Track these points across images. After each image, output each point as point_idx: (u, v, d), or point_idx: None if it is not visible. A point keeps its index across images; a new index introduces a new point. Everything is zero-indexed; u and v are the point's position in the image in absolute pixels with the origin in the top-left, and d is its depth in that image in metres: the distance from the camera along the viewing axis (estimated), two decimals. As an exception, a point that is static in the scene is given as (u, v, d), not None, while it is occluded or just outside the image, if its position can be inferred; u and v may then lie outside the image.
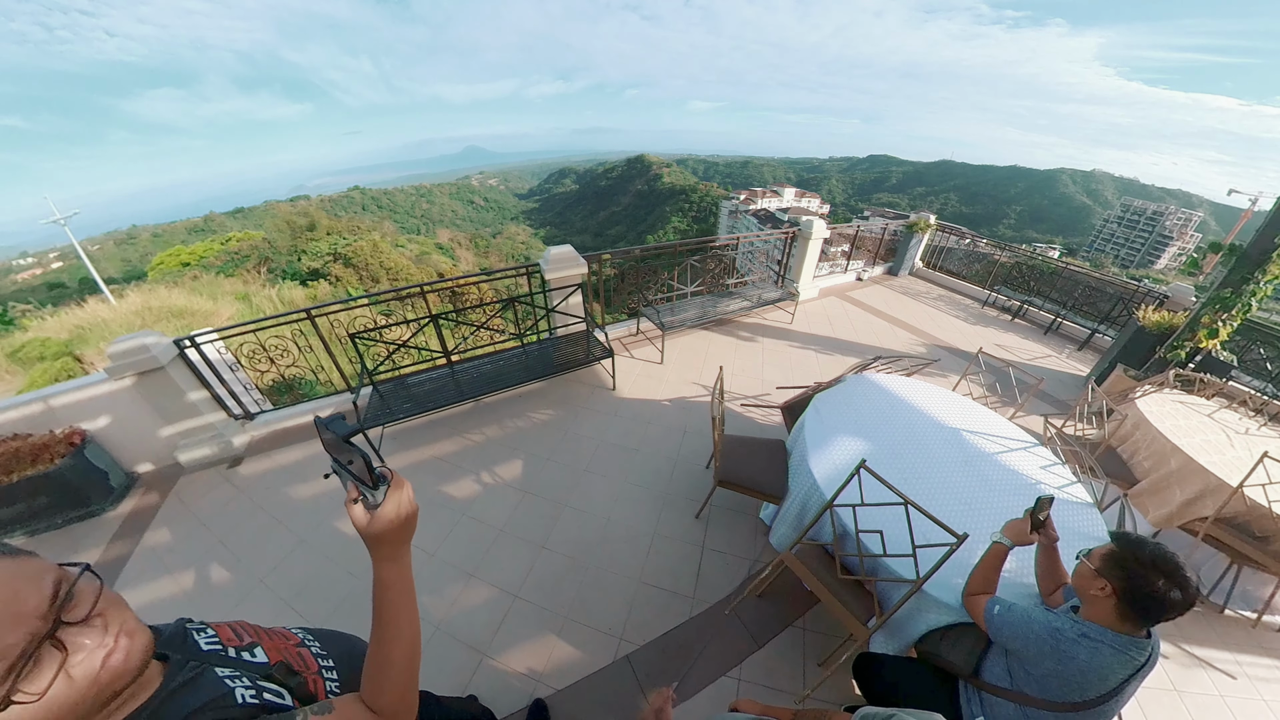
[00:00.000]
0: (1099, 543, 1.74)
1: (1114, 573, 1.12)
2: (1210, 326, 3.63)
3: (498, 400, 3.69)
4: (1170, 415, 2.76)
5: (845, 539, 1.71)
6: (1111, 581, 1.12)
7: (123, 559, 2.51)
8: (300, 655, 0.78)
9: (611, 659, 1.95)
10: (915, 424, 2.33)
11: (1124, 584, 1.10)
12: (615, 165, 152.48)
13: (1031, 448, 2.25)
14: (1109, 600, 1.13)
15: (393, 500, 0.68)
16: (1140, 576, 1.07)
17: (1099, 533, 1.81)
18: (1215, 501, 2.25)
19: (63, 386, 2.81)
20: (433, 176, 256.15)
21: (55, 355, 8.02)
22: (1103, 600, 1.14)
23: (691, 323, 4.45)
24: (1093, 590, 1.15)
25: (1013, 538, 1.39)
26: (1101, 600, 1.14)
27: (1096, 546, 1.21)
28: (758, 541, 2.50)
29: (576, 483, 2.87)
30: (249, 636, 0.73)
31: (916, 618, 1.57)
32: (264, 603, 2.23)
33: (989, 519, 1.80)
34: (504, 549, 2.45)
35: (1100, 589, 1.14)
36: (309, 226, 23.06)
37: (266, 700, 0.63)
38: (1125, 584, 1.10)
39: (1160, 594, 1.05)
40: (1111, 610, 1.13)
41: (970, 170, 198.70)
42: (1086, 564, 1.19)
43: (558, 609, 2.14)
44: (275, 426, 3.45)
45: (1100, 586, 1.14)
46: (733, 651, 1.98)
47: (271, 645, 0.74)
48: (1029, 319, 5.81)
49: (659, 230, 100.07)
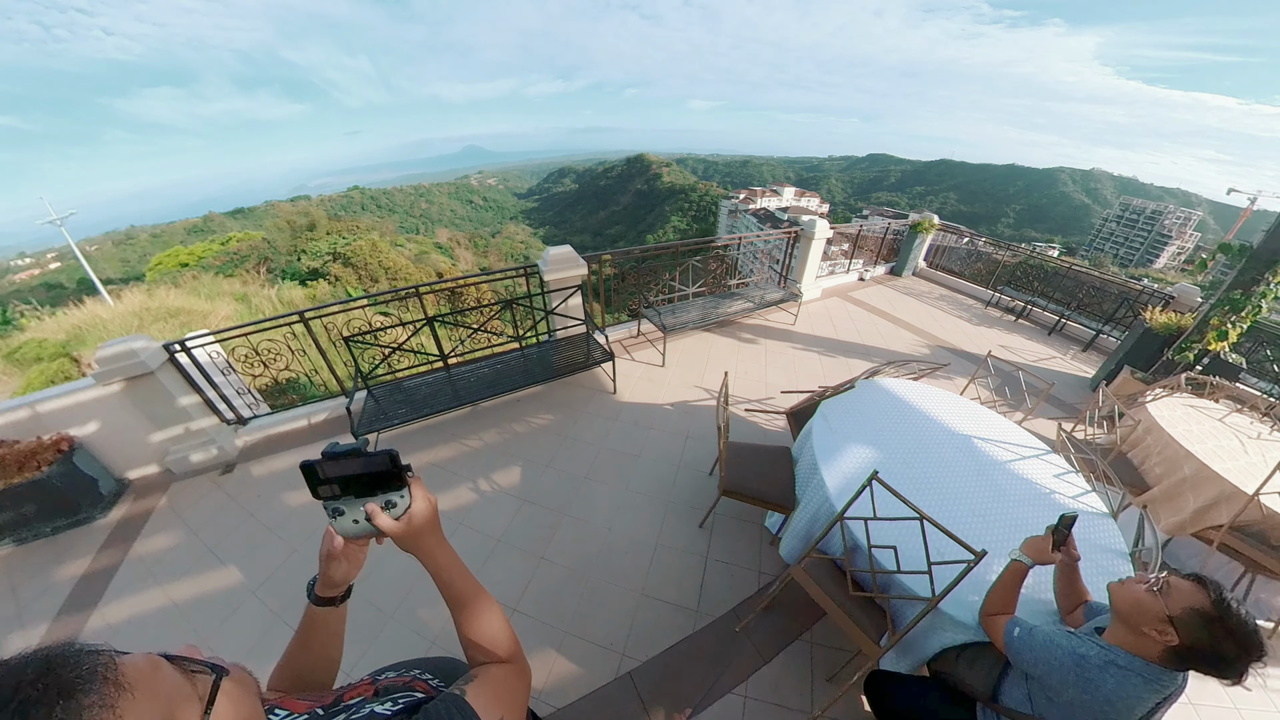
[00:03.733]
0: (1118, 555, 1.70)
1: (1194, 632, 0.99)
2: (1220, 328, 3.58)
3: (496, 405, 3.62)
4: (1182, 420, 2.70)
5: (857, 553, 1.65)
6: (1183, 636, 1.00)
7: (112, 568, 2.45)
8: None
9: (613, 675, 1.89)
10: (926, 431, 2.27)
11: (1196, 645, 0.99)
12: (615, 165, 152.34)
13: (1044, 454, 2.19)
14: (1165, 646, 1.03)
15: (419, 491, 0.68)
16: (1221, 646, 0.97)
17: (1117, 544, 1.75)
18: (1230, 509, 2.19)
19: (51, 392, 2.75)
20: (432, 176, 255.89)
21: (52, 356, 7.94)
22: (1154, 640, 1.04)
23: (693, 324, 4.39)
24: (1150, 629, 1.04)
25: (1033, 556, 1.33)
26: (1152, 640, 1.04)
27: (1172, 581, 1.06)
28: (763, 552, 2.44)
29: (576, 491, 2.81)
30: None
31: (931, 636, 1.51)
32: (256, 615, 2.17)
33: (1003, 531, 1.74)
34: (502, 560, 2.39)
35: (1162, 633, 1.02)
36: (309, 226, 22.98)
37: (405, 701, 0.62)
38: (1198, 645, 0.99)
39: (1227, 668, 0.97)
40: (1160, 653, 1.04)
41: (969, 169, 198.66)
42: (1158, 602, 1.04)
43: (557, 623, 2.08)
44: (269, 431, 3.39)
45: (1163, 631, 1.02)
46: (739, 667, 1.93)
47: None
48: (1033, 319, 5.76)
49: (659, 230, 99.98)
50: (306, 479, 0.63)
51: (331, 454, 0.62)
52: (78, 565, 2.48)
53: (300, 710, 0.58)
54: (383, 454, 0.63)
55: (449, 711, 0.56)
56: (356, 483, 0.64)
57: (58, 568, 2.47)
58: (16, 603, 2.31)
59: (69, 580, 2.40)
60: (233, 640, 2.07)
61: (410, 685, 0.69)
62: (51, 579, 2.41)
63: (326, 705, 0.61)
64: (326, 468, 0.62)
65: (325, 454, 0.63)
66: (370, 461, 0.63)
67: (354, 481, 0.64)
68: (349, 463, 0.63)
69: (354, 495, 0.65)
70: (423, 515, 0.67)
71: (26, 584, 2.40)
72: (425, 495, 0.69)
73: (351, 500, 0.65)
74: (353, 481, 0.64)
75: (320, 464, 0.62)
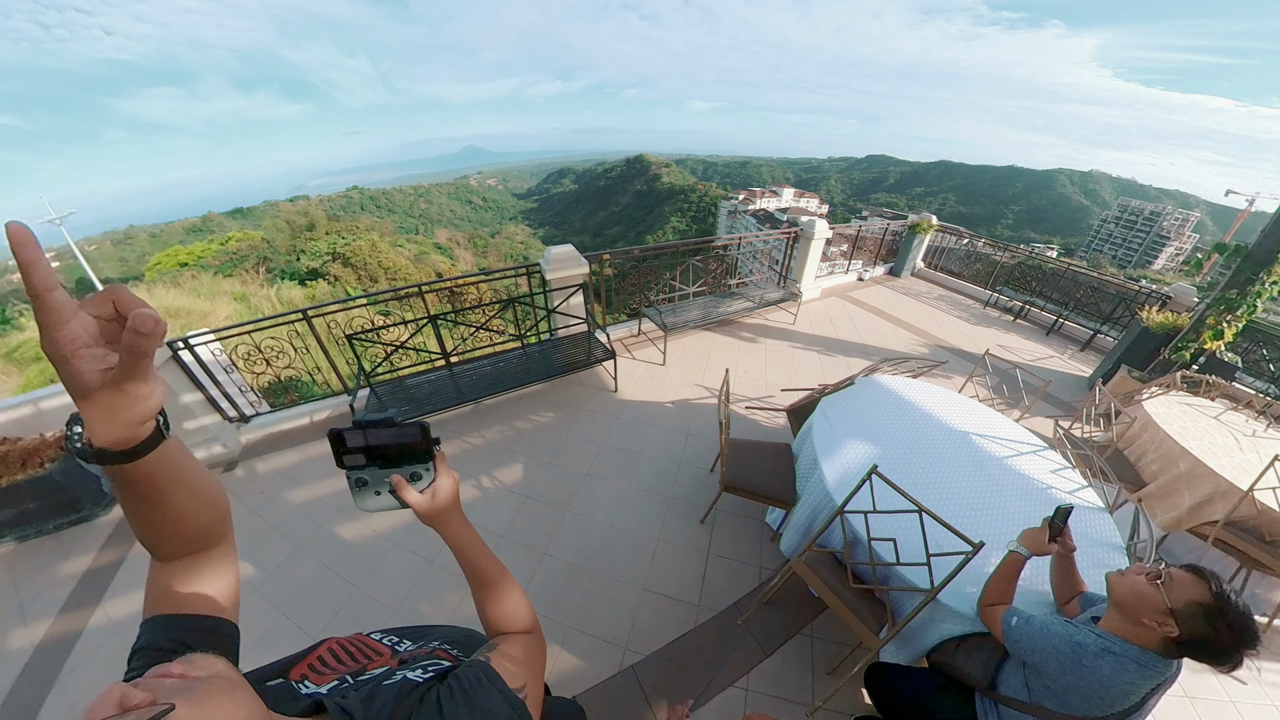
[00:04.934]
0: (1113, 549, 1.73)
1: (1195, 624, 1.01)
2: (1215, 328, 3.61)
3: (497, 402, 3.64)
4: (1177, 418, 2.73)
5: (857, 546, 1.67)
6: (1183, 629, 1.02)
7: (115, 565, 2.46)
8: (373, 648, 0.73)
9: (616, 669, 1.91)
10: (924, 427, 2.29)
11: (1196, 636, 1.01)
12: (614, 165, 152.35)
13: (1041, 451, 2.22)
14: (1163, 635, 1.04)
15: (443, 468, 0.68)
16: (1219, 639, 0.99)
17: (1113, 538, 1.77)
18: (1225, 505, 2.22)
19: (53, 389, 2.76)
20: (431, 176, 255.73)
21: (50, 356, 7.94)
22: (1154, 631, 1.06)
23: (694, 323, 4.41)
24: (1150, 619, 1.06)
25: (1030, 547, 1.36)
26: (1151, 630, 1.06)
27: (1174, 573, 1.07)
28: (764, 547, 2.46)
29: (578, 487, 2.83)
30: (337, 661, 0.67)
31: (930, 627, 1.53)
32: (260, 611, 2.18)
33: (1001, 525, 1.76)
34: (505, 556, 2.36)
35: (1162, 624, 1.04)
36: (308, 226, 22.98)
37: (433, 669, 0.62)
38: (1198, 637, 1.01)
39: (1224, 657, 0.99)
40: (1158, 643, 1.06)
41: (968, 170, 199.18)
42: (1160, 594, 1.05)
43: (560, 618, 2.10)
44: (271, 429, 3.40)
45: (1163, 623, 1.04)
46: (740, 660, 1.95)
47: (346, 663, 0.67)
48: (1031, 319, 5.79)
49: (658, 230, 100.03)
50: (333, 446, 0.62)
51: (362, 421, 0.61)
52: (80, 562, 2.49)
53: (327, 681, 0.59)
54: (414, 425, 0.63)
55: (477, 677, 0.58)
56: (383, 454, 0.63)
57: (60, 565, 2.48)
58: (19, 600, 2.32)
59: (71, 577, 2.41)
60: (237, 635, 2.08)
61: (435, 655, 0.70)
62: (54, 576, 2.42)
63: (354, 674, 0.62)
64: (355, 436, 0.61)
65: (356, 422, 0.61)
66: (402, 433, 0.62)
67: (380, 452, 0.63)
68: (380, 432, 0.62)
69: (378, 466, 0.64)
70: (447, 490, 0.68)
71: (29, 581, 2.41)
72: (449, 471, 0.69)
73: (376, 471, 0.64)
74: (379, 452, 0.63)
75: (349, 431, 0.61)
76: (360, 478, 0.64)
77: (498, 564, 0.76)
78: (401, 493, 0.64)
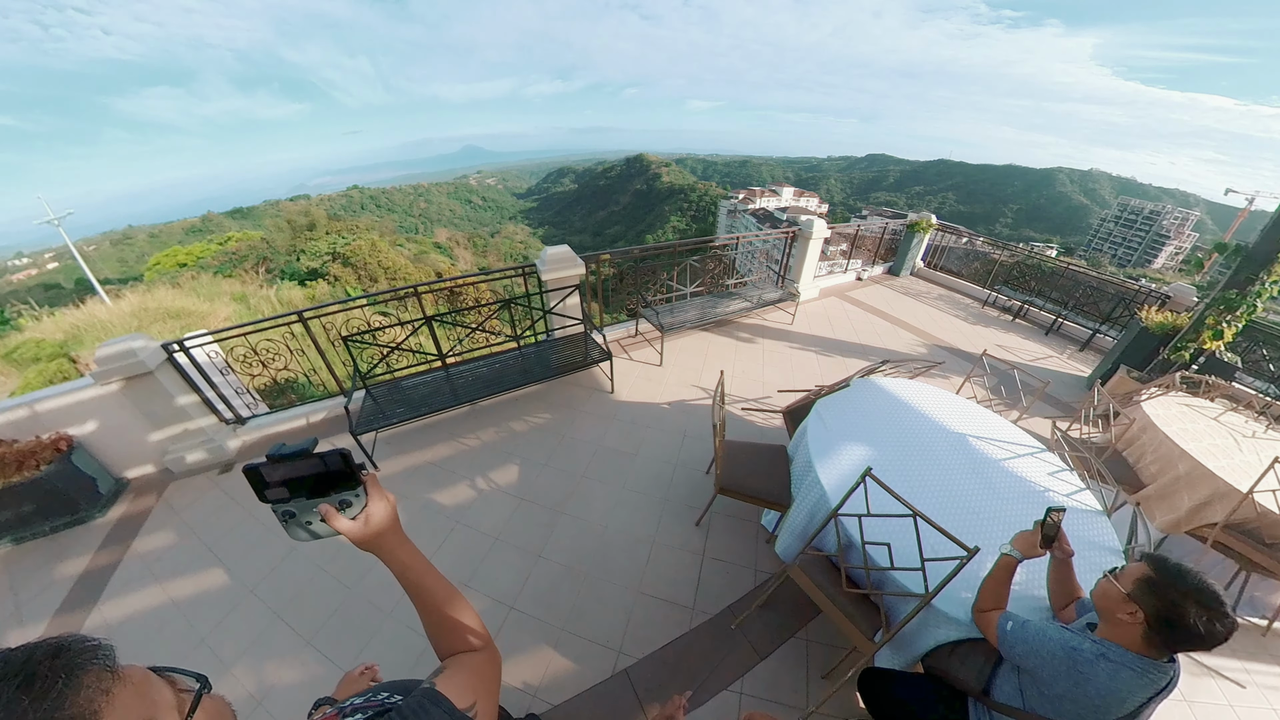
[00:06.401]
0: (1111, 552, 1.71)
1: (1148, 600, 1.05)
2: (1215, 327, 3.60)
3: (494, 404, 3.63)
4: (1177, 418, 2.72)
5: (851, 550, 1.66)
6: (1144, 608, 1.06)
7: (111, 566, 2.46)
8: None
9: (610, 672, 1.90)
10: (920, 429, 2.28)
11: (1158, 613, 1.04)
12: (614, 165, 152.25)
13: (1039, 453, 2.21)
14: (1136, 626, 1.07)
15: (375, 492, 0.66)
16: (1177, 607, 1.01)
17: (1110, 541, 1.76)
18: (1224, 507, 2.21)
19: (49, 391, 2.75)
20: (431, 176, 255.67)
21: (50, 356, 7.93)
22: (1129, 625, 1.08)
23: (691, 324, 4.40)
24: (1120, 613, 1.09)
25: (1022, 550, 1.35)
26: (1128, 624, 1.08)
27: (1126, 566, 1.15)
28: (759, 549, 2.45)
29: (574, 489, 2.82)
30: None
31: (924, 632, 1.52)
32: (254, 613, 2.17)
33: (998, 529, 1.75)
34: (499, 558, 2.40)
35: (1129, 613, 1.08)
36: (308, 226, 22.95)
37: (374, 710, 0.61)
38: (1159, 613, 1.03)
39: (1197, 628, 0.99)
40: (1138, 636, 1.08)
41: (968, 169, 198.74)
42: (1115, 585, 1.12)
43: (554, 620, 2.09)
44: (267, 431, 3.40)
45: (1129, 611, 1.08)
46: (734, 664, 1.94)
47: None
48: (1030, 319, 5.77)
49: (658, 230, 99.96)
50: (251, 483, 0.59)
51: (277, 455, 0.58)
52: (76, 564, 2.48)
53: None
54: (334, 453, 0.60)
55: (420, 704, 0.55)
56: (308, 484, 0.61)
57: (56, 566, 2.48)
58: (15, 601, 2.31)
59: (68, 579, 2.40)
60: (231, 638, 2.08)
61: (381, 703, 0.68)
62: (50, 577, 2.42)
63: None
64: (272, 470, 0.59)
65: (270, 455, 0.58)
66: (321, 461, 0.60)
67: (305, 483, 0.61)
68: (298, 464, 0.59)
69: (305, 497, 0.61)
70: (381, 514, 0.66)
71: (25, 582, 2.40)
72: (383, 494, 0.67)
73: (303, 502, 0.62)
74: (304, 483, 0.61)
75: (265, 466, 0.58)
76: (287, 510, 0.62)
77: (445, 584, 0.74)
78: (332, 521, 0.62)
